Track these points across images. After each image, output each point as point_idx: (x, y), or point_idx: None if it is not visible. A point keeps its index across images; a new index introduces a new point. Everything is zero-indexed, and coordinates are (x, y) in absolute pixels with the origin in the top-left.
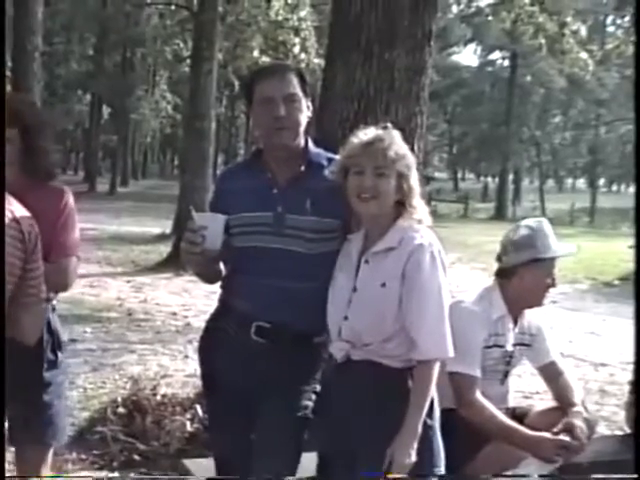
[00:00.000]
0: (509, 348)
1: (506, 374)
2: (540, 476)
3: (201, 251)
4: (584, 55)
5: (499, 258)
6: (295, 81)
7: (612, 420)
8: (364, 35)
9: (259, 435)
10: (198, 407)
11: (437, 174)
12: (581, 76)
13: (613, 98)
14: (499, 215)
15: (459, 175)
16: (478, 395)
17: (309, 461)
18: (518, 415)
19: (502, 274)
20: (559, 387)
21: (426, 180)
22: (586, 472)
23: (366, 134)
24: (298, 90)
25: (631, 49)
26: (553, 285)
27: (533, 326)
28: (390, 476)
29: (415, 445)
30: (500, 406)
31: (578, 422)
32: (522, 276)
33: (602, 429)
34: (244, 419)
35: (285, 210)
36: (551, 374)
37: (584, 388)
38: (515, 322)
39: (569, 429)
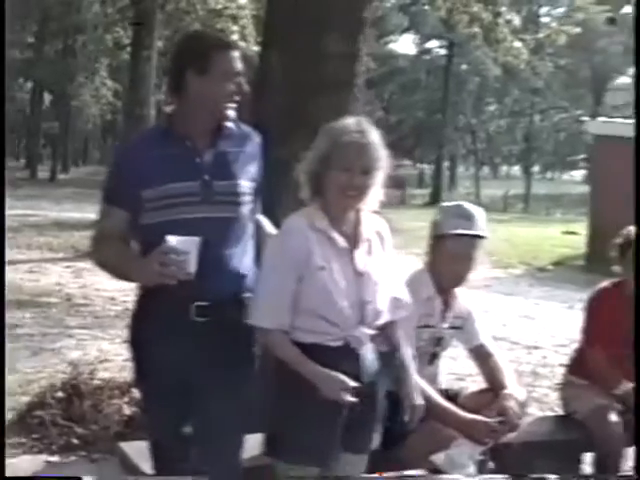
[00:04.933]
0: (439, 329)
1: (435, 355)
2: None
3: (183, 275)
4: (518, 44)
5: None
6: None
7: (544, 401)
8: (299, 22)
9: (202, 417)
10: (136, 390)
11: None
12: (515, 65)
13: (547, 87)
14: (434, 201)
15: (395, 162)
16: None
17: (255, 442)
18: (450, 396)
19: (428, 253)
20: (489, 369)
21: None
22: (517, 452)
23: (356, 131)
24: None
25: (563, 38)
26: (469, 267)
27: (464, 309)
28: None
29: None
30: (431, 387)
31: (511, 404)
32: (438, 253)
33: (534, 410)
34: (183, 403)
35: (212, 177)
36: (481, 356)
37: (517, 370)
38: (446, 304)
39: (502, 412)
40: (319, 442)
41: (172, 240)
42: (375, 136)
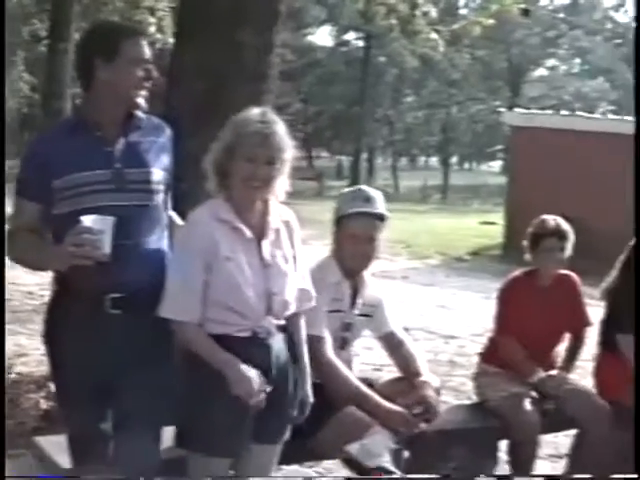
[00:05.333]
0: (348, 315)
1: (346, 340)
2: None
3: (99, 255)
4: (435, 36)
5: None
6: None
7: (461, 390)
8: (213, 13)
9: (119, 412)
10: (52, 385)
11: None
12: (433, 57)
13: (464, 78)
14: None
15: (314, 153)
16: (330, 356)
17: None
18: (366, 385)
19: (332, 242)
20: (401, 357)
21: None
22: (432, 441)
23: (260, 121)
24: None
25: (478, 30)
26: (372, 248)
27: (374, 298)
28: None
29: None
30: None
31: (429, 392)
32: (341, 237)
33: (451, 399)
34: (99, 397)
35: (123, 165)
36: (391, 344)
37: (434, 360)
38: (354, 290)
39: (421, 400)
40: (229, 433)
41: (86, 220)
42: (280, 127)
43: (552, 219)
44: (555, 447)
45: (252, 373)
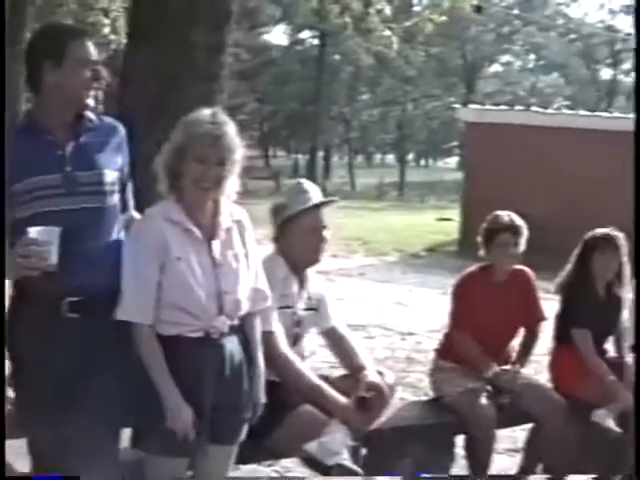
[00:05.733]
0: (298, 309)
1: (297, 336)
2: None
3: (46, 266)
4: (388, 33)
5: (272, 223)
6: None
7: (418, 387)
8: (166, 14)
9: (79, 413)
10: (9, 389)
11: (248, 152)
12: (388, 54)
13: (419, 75)
14: None
15: (270, 152)
16: (284, 350)
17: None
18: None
19: (277, 238)
20: (342, 352)
21: None
22: (388, 437)
23: (210, 122)
24: None
25: (430, 26)
26: (323, 240)
27: (317, 293)
28: None
29: None
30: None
31: (377, 378)
32: (291, 233)
33: (408, 395)
34: (58, 401)
35: (74, 169)
36: (333, 339)
37: (391, 357)
38: (302, 285)
39: (372, 387)
40: (182, 425)
41: (32, 231)
42: (230, 127)
43: (506, 215)
44: (513, 441)
45: (187, 410)
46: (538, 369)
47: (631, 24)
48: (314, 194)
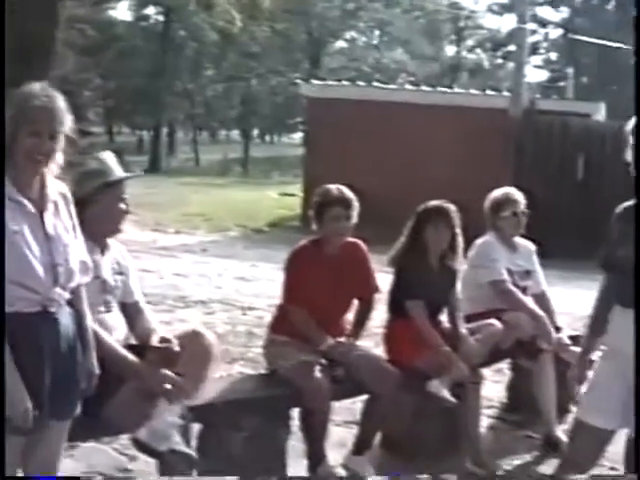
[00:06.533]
0: (106, 277)
1: (108, 303)
2: None
3: None
4: (228, 7)
5: (73, 193)
6: None
7: (258, 361)
8: None
9: None
10: None
11: (93, 128)
12: (232, 30)
13: (264, 51)
14: (154, 167)
15: (115, 129)
16: (91, 323)
17: None
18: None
19: (80, 205)
20: (140, 326)
21: (82, 134)
22: (222, 411)
23: (43, 95)
24: None
25: (268, 1)
26: (127, 212)
27: (123, 265)
28: None
29: None
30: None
31: (166, 336)
32: (98, 203)
33: (249, 370)
34: None
35: None
36: (133, 312)
37: (233, 332)
38: (102, 252)
39: (164, 341)
40: (22, 409)
41: None
42: (61, 101)
43: (335, 188)
44: (352, 413)
45: (27, 401)
46: (378, 342)
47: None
48: (116, 168)
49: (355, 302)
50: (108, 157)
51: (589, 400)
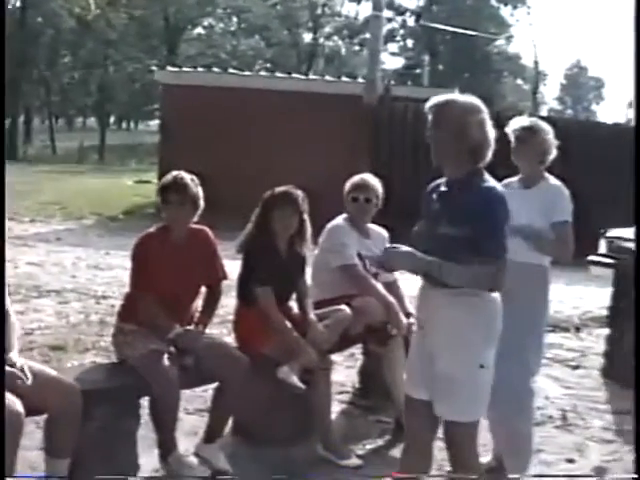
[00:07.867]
0: None
1: None
2: None
3: None
4: None
5: None
6: None
7: (109, 350)
8: None
9: None
10: None
11: None
12: (89, 17)
13: (121, 38)
14: (11, 155)
15: None
16: None
17: None
18: None
19: None
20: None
21: None
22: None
23: None
24: None
25: None
26: None
27: None
28: None
29: None
30: None
31: None
32: None
33: (101, 359)
34: None
35: None
36: None
37: (86, 321)
38: None
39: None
40: None
41: None
42: None
43: (174, 174)
44: (204, 401)
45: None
46: (227, 328)
47: None
48: None
49: (204, 290)
50: None
51: (406, 371)
